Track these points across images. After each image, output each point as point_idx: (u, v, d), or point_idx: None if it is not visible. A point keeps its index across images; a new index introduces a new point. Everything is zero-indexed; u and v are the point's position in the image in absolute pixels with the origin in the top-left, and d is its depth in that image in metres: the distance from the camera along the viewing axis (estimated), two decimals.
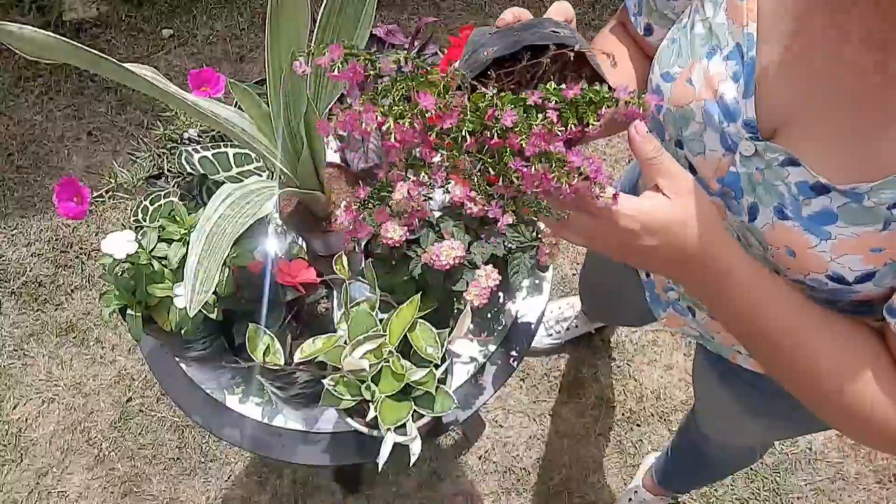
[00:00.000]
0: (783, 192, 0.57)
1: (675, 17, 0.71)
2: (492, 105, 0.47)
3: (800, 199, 0.57)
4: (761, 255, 0.63)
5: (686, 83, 0.63)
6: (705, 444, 1.25)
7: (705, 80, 0.61)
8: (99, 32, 2.20)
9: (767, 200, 0.59)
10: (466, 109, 0.48)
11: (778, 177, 0.57)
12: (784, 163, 0.57)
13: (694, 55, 0.62)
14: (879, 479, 1.67)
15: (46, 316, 1.84)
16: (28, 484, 1.67)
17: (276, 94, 0.77)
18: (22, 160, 2.02)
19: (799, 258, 0.59)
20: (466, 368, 0.99)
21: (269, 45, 0.76)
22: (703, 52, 0.62)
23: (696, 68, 0.62)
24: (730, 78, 0.60)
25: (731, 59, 0.60)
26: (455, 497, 1.65)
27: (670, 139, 0.66)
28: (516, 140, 0.47)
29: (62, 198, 0.85)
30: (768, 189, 0.58)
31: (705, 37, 0.62)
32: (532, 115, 0.48)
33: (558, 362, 1.79)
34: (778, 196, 0.58)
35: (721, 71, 0.60)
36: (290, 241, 0.96)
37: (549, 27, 0.54)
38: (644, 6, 0.74)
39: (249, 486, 1.66)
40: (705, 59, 0.61)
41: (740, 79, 0.59)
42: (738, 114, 0.59)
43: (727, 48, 0.60)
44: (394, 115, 0.48)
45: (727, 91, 0.60)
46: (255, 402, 0.97)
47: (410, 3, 2.24)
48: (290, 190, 0.83)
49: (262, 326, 0.84)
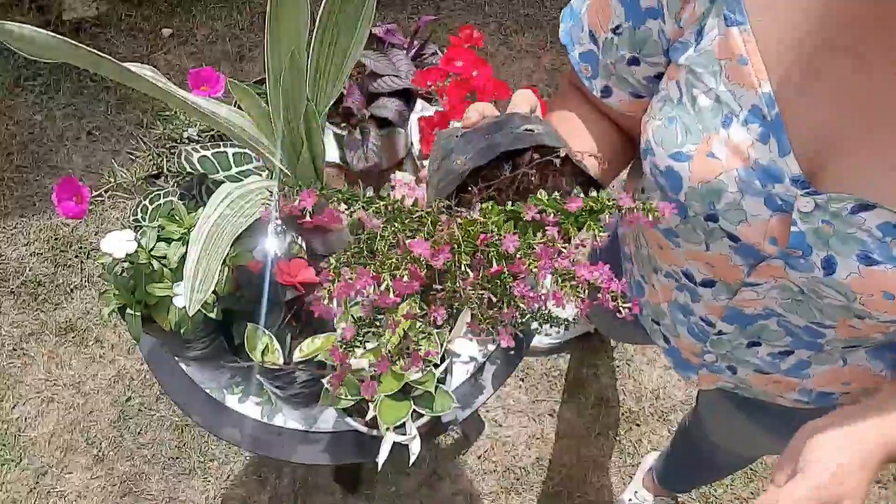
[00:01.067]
0: (864, 238, 0.55)
1: (637, 82, 0.69)
2: (486, 231, 0.44)
3: (887, 241, 0.54)
4: (843, 304, 0.61)
5: (708, 157, 0.60)
6: (710, 449, 1.24)
7: (731, 150, 0.59)
8: (98, 32, 2.20)
9: (846, 250, 0.56)
10: (459, 240, 0.45)
11: (852, 224, 0.55)
12: (856, 209, 0.55)
13: (707, 129, 0.60)
14: (879, 479, 1.67)
15: (46, 315, 1.84)
16: (27, 483, 1.67)
17: (275, 94, 0.77)
18: (21, 160, 2.02)
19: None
20: (466, 368, 0.99)
21: (269, 44, 0.76)
22: (718, 123, 0.60)
23: (716, 141, 0.60)
24: (757, 141, 0.58)
25: (750, 122, 0.58)
26: (455, 497, 1.65)
27: (697, 215, 0.64)
28: (523, 266, 0.43)
29: (62, 197, 0.85)
30: (844, 239, 0.56)
31: (714, 108, 0.60)
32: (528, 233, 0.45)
33: (558, 362, 1.79)
34: (859, 243, 0.56)
35: (745, 137, 0.58)
36: (289, 240, 0.96)
37: (520, 125, 0.52)
38: (601, 70, 0.70)
39: (249, 485, 1.66)
40: (722, 130, 0.59)
41: (769, 139, 0.57)
42: (782, 173, 0.57)
43: (742, 113, 0.58)
44: (389, 270, 0.45)
45: (760, 155, 0.58)
46: (254, 401, 0.97)
47: (410, 3, 2.24)
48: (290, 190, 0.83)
49: (262, 326, 0.84)
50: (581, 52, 0.71)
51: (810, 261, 0.59)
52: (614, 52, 0.68)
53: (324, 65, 0.80)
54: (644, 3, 0.63)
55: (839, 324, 0.65)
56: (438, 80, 0.93)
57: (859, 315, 0.61)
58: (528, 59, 2.16)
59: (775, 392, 0.82)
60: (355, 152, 0.96)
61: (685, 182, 0.62)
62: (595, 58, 0.70)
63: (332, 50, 0.80)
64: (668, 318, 0.83)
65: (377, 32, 0.98)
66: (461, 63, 0.93)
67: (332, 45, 0.79)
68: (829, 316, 0.65)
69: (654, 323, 0.88)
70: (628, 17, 0.65)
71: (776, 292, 0.66)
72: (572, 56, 0.73)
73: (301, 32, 0.76)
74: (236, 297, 0.85)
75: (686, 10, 0.60)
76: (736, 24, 0.57)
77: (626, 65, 0.68)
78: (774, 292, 0.66)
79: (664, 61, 0.65)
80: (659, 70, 0.67)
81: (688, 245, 0.69)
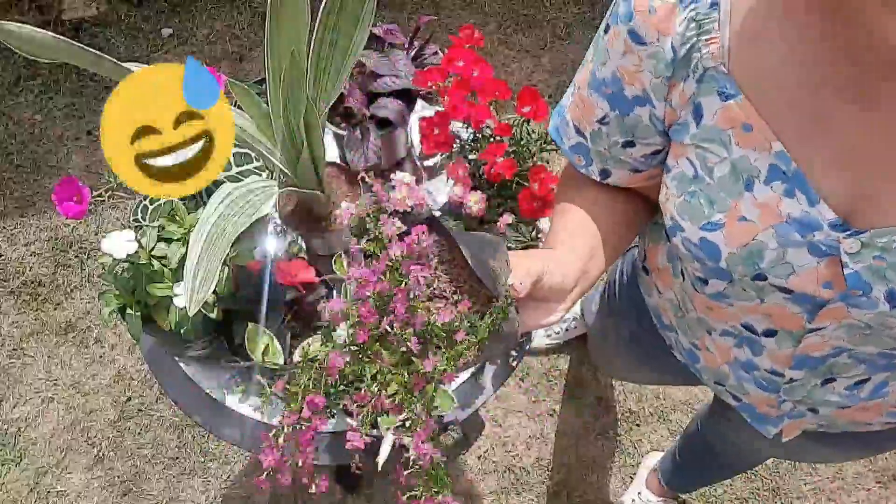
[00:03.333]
0: None
1: (633, 160, 0.69)
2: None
3: None
4: None
5: (740, 222, 0.60)
6: (721, 448, 1.21)
7: (761, 210, 0.59)
8: (98, 31, 2.20)
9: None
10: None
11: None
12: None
13: (732, 195, 0.60)
14: (879, 479, 1.67)
15: (46, 315, 1.84)
16: (28, 483, 1.67)
17: (275, 94, 0.77)
18: (21, 160, 2.02)
19: None
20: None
21: (269, 44, 0.76)
22: (741, 188, 0.59)
23: (743, 204, 0.60)
24: (784, 197, 0.58)
25: (772, 181, 0.58)
26: (455, 497, 1.65)
27: (743, 277, 0.63)
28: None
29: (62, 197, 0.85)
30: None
31: (733, 174, 0.60)
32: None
33: (558, 362, 1.79)
34: None
35: (771, 195, 0.58)
36: (289, 240, 0.96)
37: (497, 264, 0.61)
38: (594, 156, 0.72)
39: (249, 485, 1.66)
40: (747, 193, 0.59)
41: (795, 193, 0.57)
42: (818, 221, 0.57)
43: (762, 174, 0.58)
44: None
45: (791, 209, 0.58)
46: (254, 401, 0.97)
47: (410, 3, 2.24)
48: (290, 189, 0.83)
49: (262, 326, 0.84)
50: (570, 144, 0.73)
51: (872, 297, 0.58)
52: (605, 139, 0.69)
53: (324, 65, 0.80)
54: (628, 93, 0.63)
55: None
56: (439, 80, 0.93)
57: None
58: (528, 59, 2.16)
59: (863, 420, 0.80)
60: (355, 152, 0.96)
61: (723, 249, 0.62)
62: (585, 148, 0.72)
63: (332, 50, 0.80)
64: (731, 379, 0.80)
65: (377, 32, 0.98)
66: (462, 63, 0.93)
67: (332, 45, 0.79)
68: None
69: (717, 385, 0.85)
70: (613, 107, 0.66)
71: (843, 332, 0.65)
72: (563, 150, 0.74)
73: (301, 32, 0.76)
74: (236, 298, 0.85)
75: (674, 92, 0.61)
76: (731, 98, 0.57)
77: (620, 147, 0.68)
78: (841, 332, 0.65)
79: (660, 141, 0.66)
80: (656, 148, 0.67)
81: (740, 304, 0.68)
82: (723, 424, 1.10)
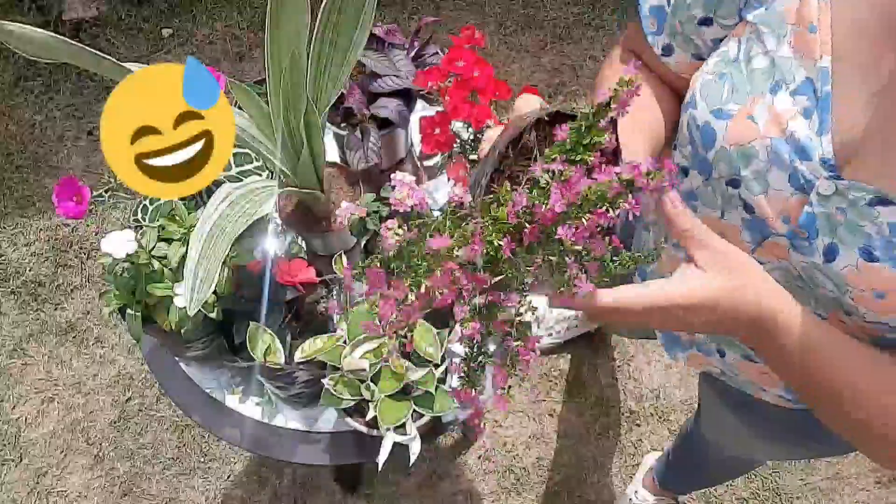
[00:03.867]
0: (871, 232, 0.55)
1: (703, 43, 0.68)
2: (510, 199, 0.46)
3: (893, 240, 0.54)
4: (834, 296, 0.60)
5: (747, 119, 0.60)
6: (708, 450, 1.24)
7: (771, 117, 0.58)
8: (98, 32, 2.20)
9: (851, 241, 0.56)
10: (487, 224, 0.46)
11: (865, 217, 0.55)
12: (873, 202, 0.54)
13: (754, 91, 0.59)
14: (878, 479, 1.67)
15: (46, 315, 1.84)
16: (27, 483, 1.67)
17: (275, 94, 0.77)
18: (22, 160, 2.02)
19: (889, 300, 0.56)
20: None
21: (269, 44, 0.76)
22: (766, 88, 0.59)
23: (759, 105, 0.59)
24: (800, 114, 0.57)
25: (799, 94, 0.57)
26: (455, 497, 1.65)
27: (720, 178, 0.64)
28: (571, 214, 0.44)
29: (62, 197, 0.85)
30: (852, 229, 0.56)
31: (767, 71, 0.59)
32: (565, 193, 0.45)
33: (558, 362, 1.79)
34: (864, 237, 0.55)
35: (789, 107, 0.57)
36: (289, 240, 0.96)
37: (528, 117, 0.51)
38: (666, 27, 0.70)
39: (249, 485, 1.66)
40: (769, 95, 0.58)
41: (812, 115, 0.56)
42: (813, 152, 0.57)
43: (794, 83, 0.57)
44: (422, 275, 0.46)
45: (798, 128, 0.57)
46: (254, 401, 0.97)
47: (410, 3, 2.24)
48: (290, 189, 0.83)
49: (262, 326, 0.84)
50: (652, 5, 0.71)
51: (814, 245, 0.58)
52: (685, 10, 0.67)
53: (324, 65, 0.80)
54: None
55: (830, 318, 0.65)
56: (439, 81, 0.93)
57: (848, 311, 0.61)
58: (528, 59, 2.16)
59: (760, 384, 0.81)
60: (355, 152, 0.96)
61: (719, 140, 0.62)
62: (663, 14, 0.70)
63: (333, 50, 0.80)
64: None
65: (377, 32, 0.98)
66: (462, 63, 0.93)
67: (332, 45, 0.79)
68: (823, 307, 0.64)
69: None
70: None
71: (777, 274, 0.65)
72: (642, 10, 0.72)
73: (301, 32, 0.76)
74: (237, 298, 0.85)
75: None
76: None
77: (695, 25, 0.67)
78: (776, 274, 0.65)
79: (735, 22, 0.64)
80: (728, 32, 0.65)
81: (704, 210, 0.69)
82: (711, 424, 1.11)
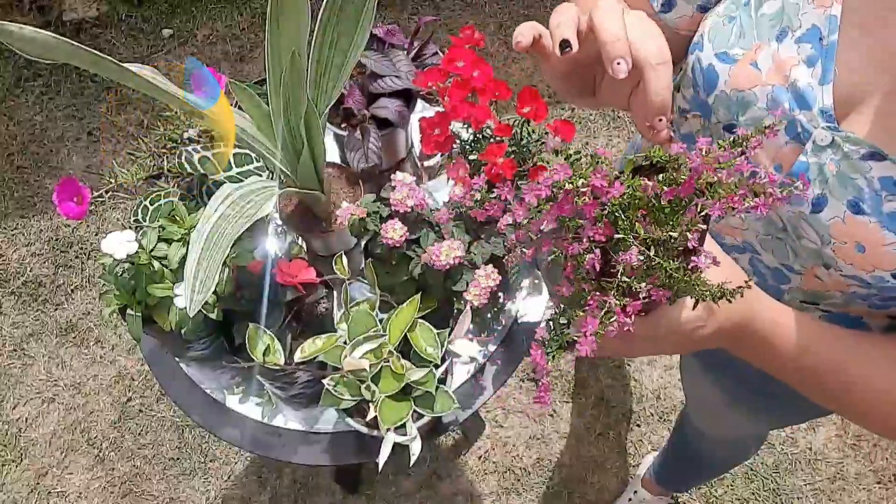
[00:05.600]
0: (862, 185, 0.54)
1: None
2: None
3: (882, 195, 0.54)
4: (816, 248, 0.61)
5: (750, 66, 0.59)
6: (699, 438, 1.25)
7: (774, 64, 0.57)
8: (99, 32, 2.20)
9: (840, 193, 0.56)
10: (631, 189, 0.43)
11: (857, 170, 0.54)
12: (866, 156, 0.54)
13: (760, 36, 0.59)
14: (879, 479, 1.67)
15: (46, 316, 1.84)
16: (28, 484, 1.67)
17: (276, 94, 0.77)
18: (22, 160, 2.02)
19: (869, 254, 0.56)
20: (466, 368, 0.99)
21: (269, 44, 0.76)
22: (773, 34, 0.58)
23: (764, 51, 0.58)
24: (803, 63, 0.56)
25: (804, 41, 0.56)
26: (455, 497, 1.65)
27: (718, 122, 0.63)
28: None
29: (62, 198, 0.85)
30: (843, 181, 0.55)
31: (775, 17, 0.58)
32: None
33: (558, 362, 1.79)
34: (855, 189, 0.55)
35: (793, 55, 0.57)
36: (290, 240, 0.96)
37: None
38: None
39: (249, 486, 1.66)
40: (774, 42, 0.58)
41: (816, 64, 0.56)
42: (813, 101, 0.56)
43: (800, 30, 0.57)
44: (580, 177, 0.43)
45: (800, 76, 0.56)
46: (255, 402, 0.97)
47: (410, 3, 2.24)
48: (290, 190, 0.83)
49: (262, 326, 0.84)
50: None
51: (804, 195, 0.58)
52: None
53: (324, 65, 0.80)
54: None
55: (806, 272, 0.65)
56: (439, 81, 0.93)
57: (827, 264, 0.61)
58: (527, 59, 2.16)
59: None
60: (355, 153, 0.96)
61: (720, 84, 0.61)
62: None
63: (333, 50, 0.80)
64: None
65: (377, 33, 0.98)
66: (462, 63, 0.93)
67: (332, 45, 0.79)
68: (802, 259, 0.64)
69: None
70: None
71: (760, 224, 0.66)
72: None
73: (301, 33, 0.76)
74: (237, 298, 0.85)
75: None
76: None
77: None
78: (759, 225, 0.66)
79: None
80: None
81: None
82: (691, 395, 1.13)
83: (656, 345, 0.53)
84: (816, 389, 0.61)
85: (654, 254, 0.43)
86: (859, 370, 0.59)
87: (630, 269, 0.43)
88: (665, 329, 0.51)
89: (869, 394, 0.59)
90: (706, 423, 1.17)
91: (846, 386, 0.59)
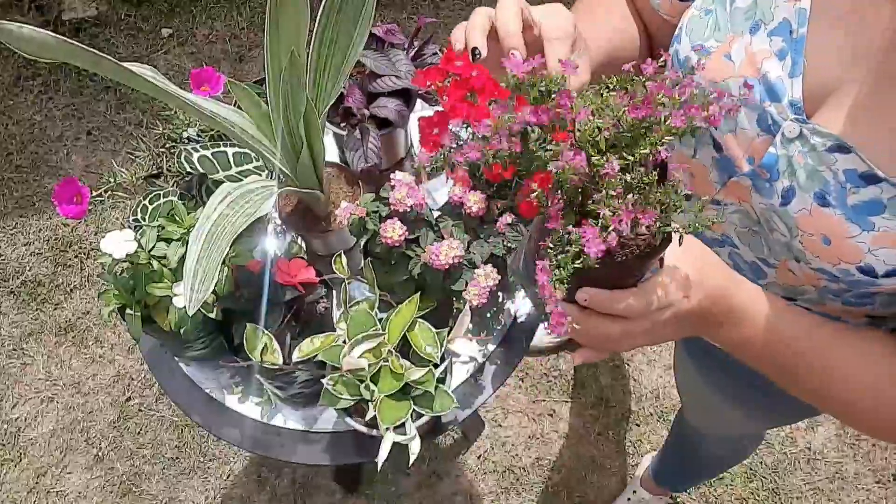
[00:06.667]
0: (828, 178, 0.55)
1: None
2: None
3: (846, 188, 0.54)
4: (786, 240, 0.61)
5: (724, 58, 0.60)
6: (696, 437, 1.25)
7: (747, 57, 0.59)
8: (98, 31, 2.20)
9: (808, 185, 0.56)
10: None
11: (823, 162, 0.55)
12: (832, 148, 0.54)
13: (734, 29, 0.60)
14: (878, 478, 1.67)
15: (45, 315, 1.84)
16: (27, 483, 1.67)
17: (275, 94, 0.77)
18: (21, 160, 2.02)
19: (834, 247, 0.57)
20: (466, 368, 0.99)
21: (269, 44, 0.76)
22: (746, 27, 0.59)
23: (737, 43, 0.59)
24: (774, 55, 0.57)
25: (776, 34, 0.57)
26: (454, 497, 1.65)
27: None
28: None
29: (62, 198, 0.85)
30: (811, 174, 0.56)
31: (748, 10, 0.59)
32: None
33: (558, 362, 1.79)
34: (821, 182, 0.55)
35: (765, 48, 0.58)
36: (289, 240, 0.96)
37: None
38: None
39: (249, 485, 1.66)
40: (748, 35, 0.59)
41: (786, 56, 0.57)
42: (783, 93, 0.57)
43: (773, 23, 0.58)
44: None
45: (771, 69, 0.57)
46: (254, 401, 0.97)
47: (410, 3, 2.24)
48: (290, 189, 0.83)
49: (261, 326, 0.84)
50: None
51: (774, 187, 0.59)
52: None
53: (323, 65, 0.80)
54: None
55: (780, 265, 0.66)
56: (438, 80, 0.93)
57: (797, 257, 0.62)
58: None
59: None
60: (355, 152, 0.96)
61: (695, 77, 0.62)
62: None
63: (332, 50, 0.80)
64: None
65: (377, 32, 0.98)
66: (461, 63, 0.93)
67: (331, 45, 0.79)
68: (775, 253, 0.65)
69: None
70: None
71: (737, 217, 0.66)
72: None
73: (301, 32, 0.76)
74: (236, 297, 0.85)
75: None
76: None
77: None
78: (735, 217, 0.67)
79: None
80: None
81: (678, 147, 0.70)
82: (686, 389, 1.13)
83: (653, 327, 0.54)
84: (793, 376, 0.61)
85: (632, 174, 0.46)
86: (840, 355, 0.59)
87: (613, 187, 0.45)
88: (657, 303, 0.52)
89: (851, 384, 0.59)
90: (701, 421, 1.17)
91: (826, 371, 0.59)
